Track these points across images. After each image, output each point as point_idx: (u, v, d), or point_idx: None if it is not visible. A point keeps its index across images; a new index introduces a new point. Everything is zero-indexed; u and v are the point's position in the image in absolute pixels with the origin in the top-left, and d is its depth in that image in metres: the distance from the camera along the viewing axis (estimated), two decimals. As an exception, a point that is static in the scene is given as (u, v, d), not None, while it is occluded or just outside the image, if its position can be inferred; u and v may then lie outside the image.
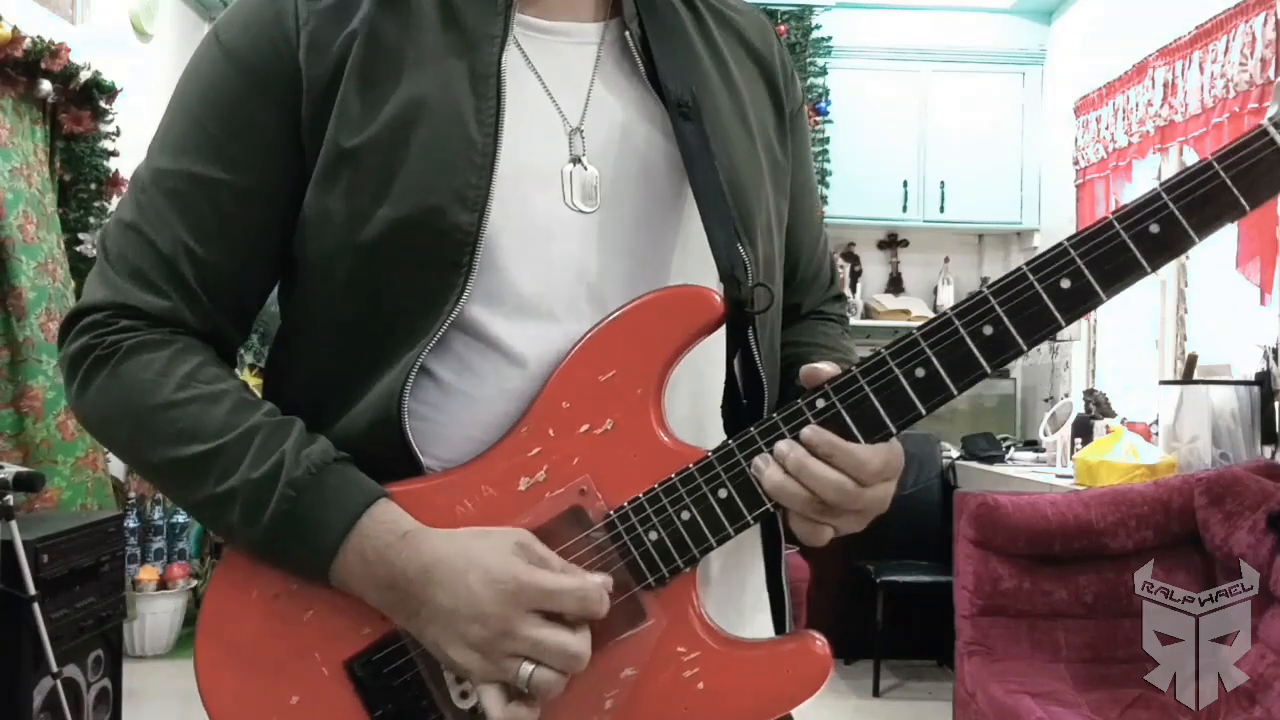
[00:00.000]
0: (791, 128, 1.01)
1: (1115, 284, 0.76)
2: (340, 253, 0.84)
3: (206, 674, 0.84)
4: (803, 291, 1.06)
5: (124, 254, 0.86)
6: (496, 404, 0.83)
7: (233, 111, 0.85)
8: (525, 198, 0.85)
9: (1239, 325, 3.57)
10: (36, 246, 3.59)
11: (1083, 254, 0.76)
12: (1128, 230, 0.75)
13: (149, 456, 0.84)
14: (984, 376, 0.78)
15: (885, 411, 0.79)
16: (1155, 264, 0.75)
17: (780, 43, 1.03)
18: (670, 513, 0.80)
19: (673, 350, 0.82)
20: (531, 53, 0.88)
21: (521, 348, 0.83)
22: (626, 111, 0.89)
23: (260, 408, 0.84)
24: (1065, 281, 0.76)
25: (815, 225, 1.07)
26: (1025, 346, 0.77)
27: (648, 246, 0.88)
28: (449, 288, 0.82)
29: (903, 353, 0.78)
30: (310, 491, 0.79)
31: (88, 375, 0.85)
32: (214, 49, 0.87)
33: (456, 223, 0.81)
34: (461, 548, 0.78)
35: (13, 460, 3.39)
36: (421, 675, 0.81)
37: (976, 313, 0.77)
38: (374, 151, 0.82)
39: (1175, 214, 0.75)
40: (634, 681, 0.80)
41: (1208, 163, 0.75)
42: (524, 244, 0.84)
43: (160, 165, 0.87)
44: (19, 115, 3.64)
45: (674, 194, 0.89)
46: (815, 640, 0.82)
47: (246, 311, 0.91)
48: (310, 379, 0.88)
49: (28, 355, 3.50)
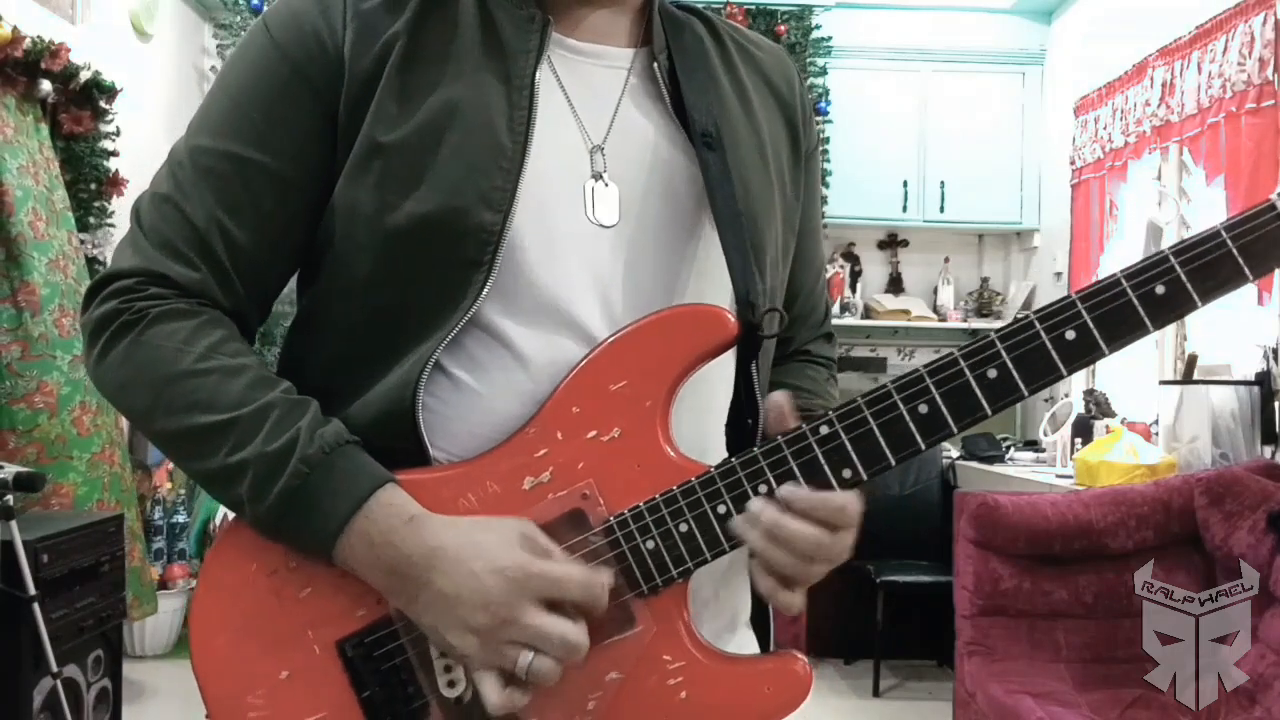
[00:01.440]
0: (806, 166, 1.03)
1: (1118, 340, 0.78)
2: (365, 244, 0.86)
3: (199, 643, 0.86)
4: (795, 327, 1.08)
5: (157, 225, 0.88)
6: (505, 403, 0.85)
7: (275, 99, 0.88)
8: (548, 207, 0.87)
9: (1239, 325, 3.57)
10: (48, 243, 3.60)
11: (1090, 308, 0.78)
12: (1135, 290, 0.78)
13: (165, 423, 0.85)
14: (984, 418, 0.80)
15: (886, 444, 0.80)
16: (1158, 324, 0.78)
17: (802, 84, 1.06)
18: (669, 524, 0.81)
19: (684, 366, 0.84)
20: (562, 71, 0.91)
21: (533, 351, 0.85)
22: (649, 135, 0.92)
23: (278, 385, 0.86)
24: (1070, 333, 0.78)
25: (817, 265, 1.10)
26: (1027, 392, 0.79)
27: (664, 265, 0.90)
28: (468, 285, 0.84)
29: (909, 388, 0.80)
30: (321, 469, 0.81)
31: (112, 339, 0.86)
32: (262, 37, 0.90)
33: (480, 222, 0.84)
34: (466, 535, 0.79)
35: (28, 456, 3.40)
36: (411, 661, 0.83)
37: (983, 355, 0.79)
38: (406, 148, 0.85)
39: (1181, 278, 0.77)
40: (618, 685, 0.82)
41: (1216, 231, 0.77)
42: (544, 250, 0.86)
43: (199, 143, 0.89)
44: (22, 114, 3.64)
45: (692, 218, 0.92)
46: (797, 661, 0.84)
47: (267, 296, 0.93)
48: (326, 366, 0.89)
49: (42, 351, 3.50)
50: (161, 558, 4.33)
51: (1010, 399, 0.79)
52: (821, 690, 4.06)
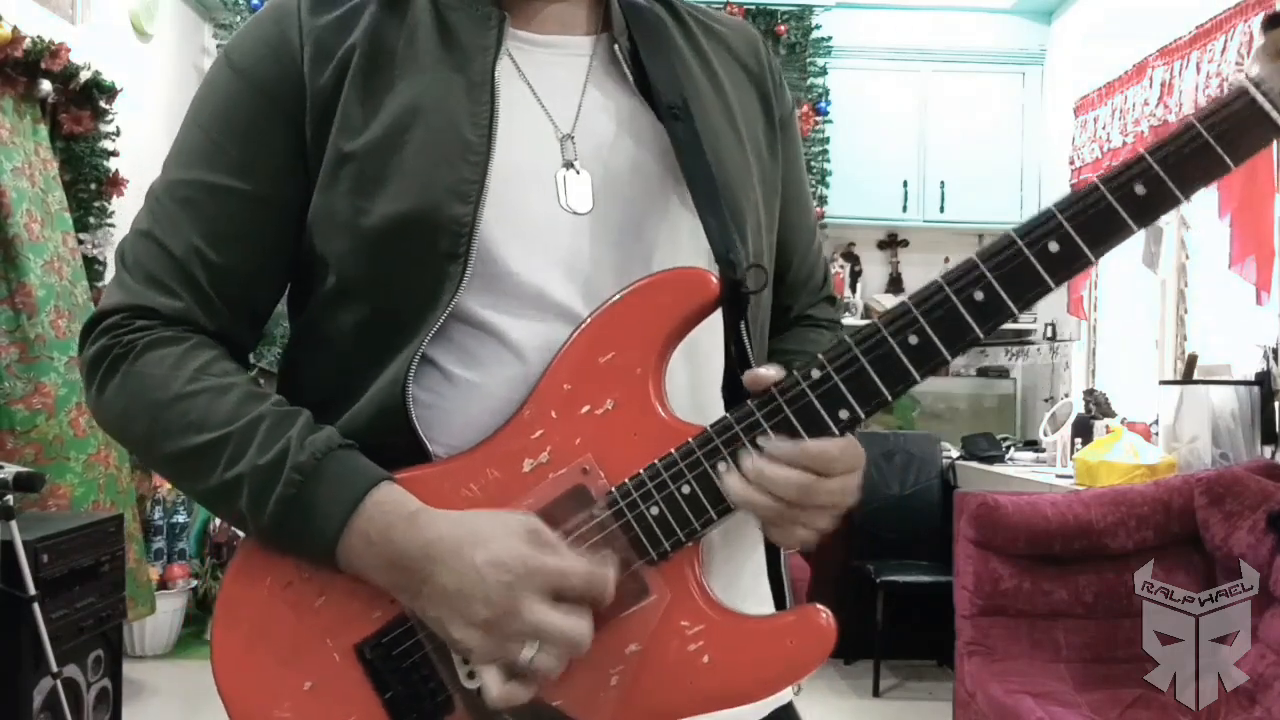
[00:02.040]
0: (782, 132, 1.03)
1: (1102, 244, 0.77)
2: (343, 251, 0.87)
3: (223, 664, 0.86)
4: (794, 294, 1.08)
5: (139, 260, 0.90)
6: (499, 390, 0.85)
7: (244, 126, 0.89)
8: (520, 196, 0.87)
9: (1239, 325, 3.57)
10: (43, 245, 3.60)
11: (1070, 217, 0.77)
12: (1114, 192, 0.77)
13: (163, 448, 0.86)
14: (976, 342, 0.79)
15: (879, 379, 0.79)
16: (1142, 223, 0.77)
17: (769, 52, 1.06)
18: (671, 488, 0.81)
19: (670, 330, 0.84)
20: (524, 64, 0.92)
21: (520, 336, 0.86)
22: (617, 118, 0.92)
23: (268, 398, 0.86)
24: (1054, 245, 0.77)
25: (808, 229, 1.09)
26: (1016, 310, 0.78)
27: (641, 242, 0.90)
28: (447, 278, 0.84)
29: (899, 319, 0.80)
30: (314, 476, 0.81)
31: (106, 375, 0.88)
32: (225, 69, 0.92)
33: (452, 215, 0.84)
34: (468, 529, 0.79)
35: (26, 457, 3.41)
36: (430, 656, 0.82)
37: (969, 278, 0.79)
38: (372, 153, 0.86)
39: (1161, 175, 0.76)
40: (639, 657, 0.81)
41: (1189, 123, 0.76)
42: (519, 238, 0.87)
43: (174, 177, 0.91)
44: (20, 115, 3.64)
45: (666, 192, 0.92)
46: (820, 612, 0.83)
47: (257, 316, 0.94)
48: (322, 377, 0.90)
49: (40, 353, 3.52)
50: (161, 558, 4.33)
51: (999, 318, 0.78)
52: (821, 690, 4.06)
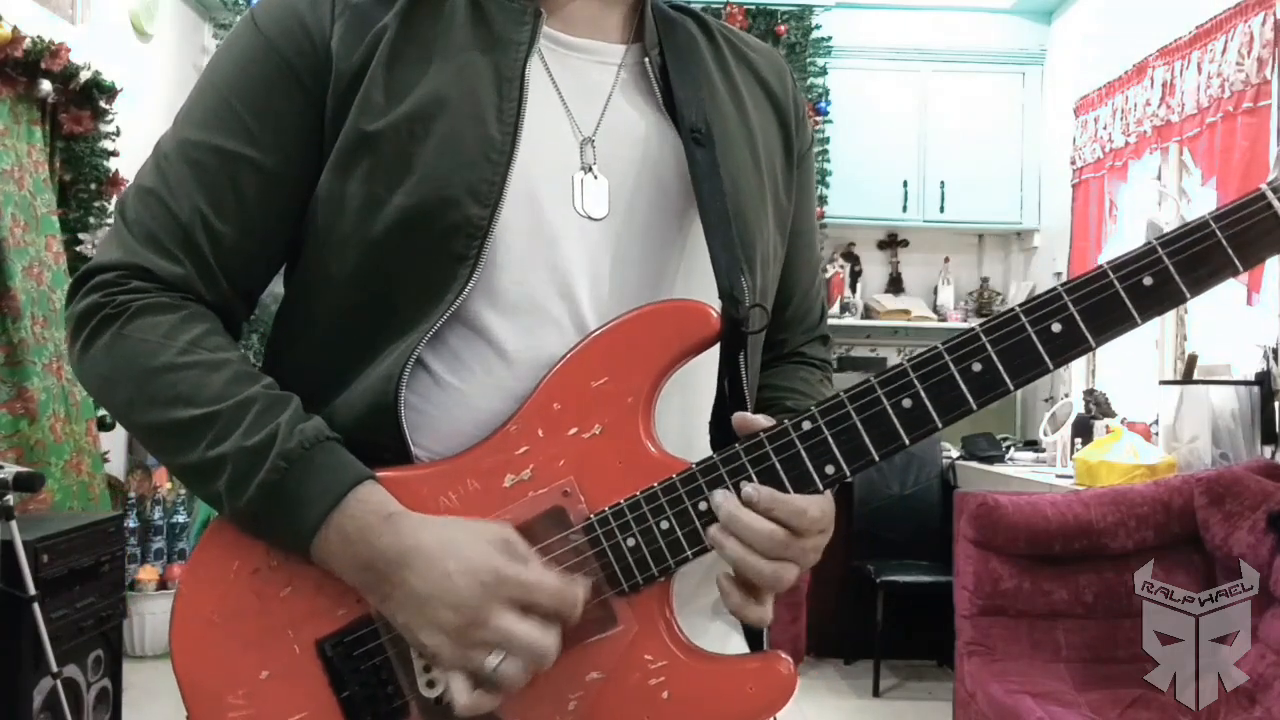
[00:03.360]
0: (799, 168, 1.02)
1: (1105, 333, 0.77)
2: (351, 237, 0.85)
3: (180, 643, 0.85)
4: (789, 329, 1.07)
5: (141, 218, 0.87)
6: (487, 400, 0.84)
7: (261, 94, 0.87)
8: (536, 200, 0.86)
9: (1239, 325, 3.57)
10: (24, 249, 3.60)
11: (1076, 300, 0.76)
12: (1121, 281, 0.76)
13: (145, 417, 0.84)
14: (969, 412, 0.78)
15: (869, 438, 0.79)
16: (1146, 316, 0.76)
17: (795, 84, 1.05)
18: (650, 522, 0.81)
19: (666, 362, 0.83)
20: (553, 64, 0.90)
21: (515, 346, 0.85)
22: (640, 130, 0.92)
23: (260, 380, 0.85)
24: (1056, 326, 0.77)
25: (812, 267, 1.08)
26: (1012, 386, 0.78)
27: (651, 260, 0.89)
28: (453, 279, 0.83)
29: (894, 381, 0.79)
30: (300, 465, 0.80)
31: (94, 333, 0.86)
32: (250, 30, 0.89)
33: (468, 215, 0.83)
34: (443, 535, 0.79)
35: (8, 461, 3.40)
36: (390, 660, 0.82)
37: (966, 349, 0.78)
38: (393, 139, 0.84)
39: (1169, 269, 0.75)
40: (599, 685, 0.81)
41: (1204, 221, 0.76)
42: (531, 244, 0.86)
43: (185, 136, 0.89)
44: (15, 116, 3.64)
45: (680, 213, 0.91)
46: (781, 660, 0.83)
47: (254, 290, 0.92)
48: (309, 360, 0.89)
49: (22, 357, 3.52)
50: (161, 558, 4.33)
51: (995, 393, 0.78)
52: (821, 690, 4.06)
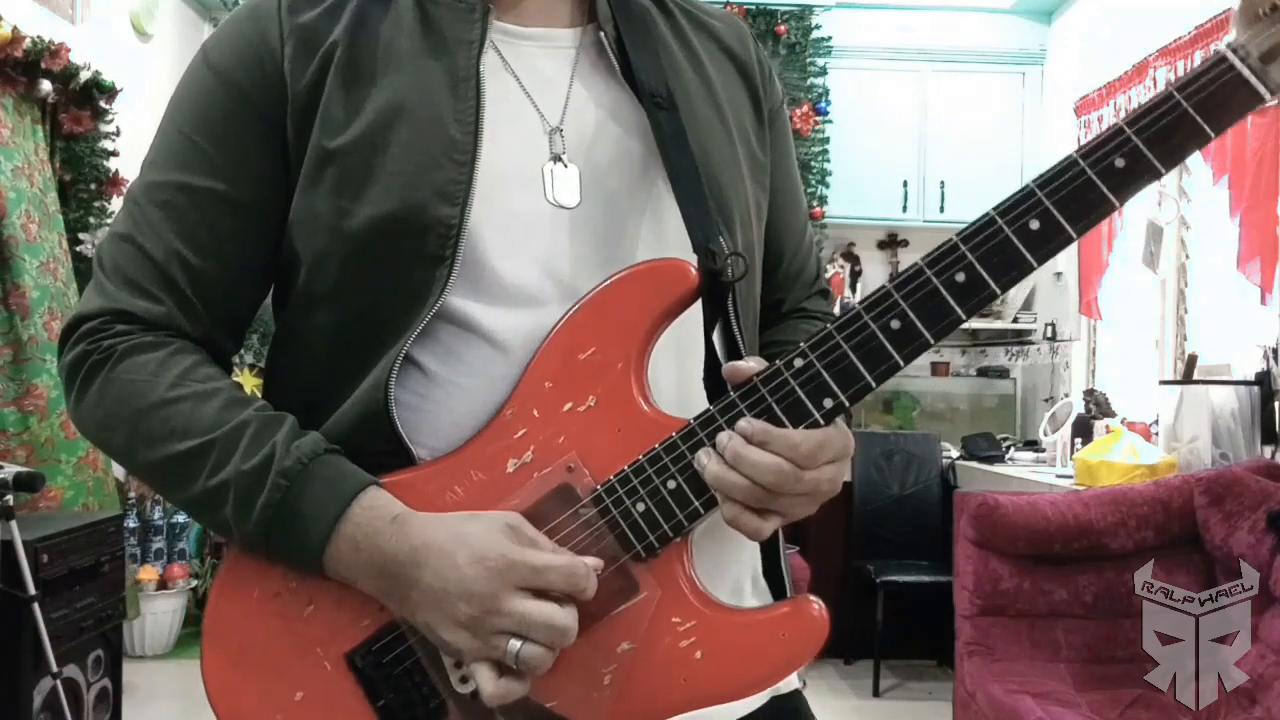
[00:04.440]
0: (771, 125, 1.03)
1: (1083, 220, 0.76)
2: (327, 252, 0.86)
3: (213, 677, 0.85)
4: (786, 287, 1.07)
5: (118, 264, 0.88)
6: (483, 391, 0.84)
7: (222, 126, 0.88)
8: (506, 194, 0.86)
9: (1239, 325, 3.57)
10: (39, 245, 3.60)
11: (1049, 193, 0.76)
12: (1093, 166, 0.75)
13: (145, 456, 0.85)
14: (959, 323, 0.78)
15: (862, 365, 0.78)
16: (1122, 198, 0.76)
17: (757, 44, 1.05)
18: (656, 482, 0.80)
19: (650, 322, 0.83)
20: (510, 57, 0.91)
21: (505, 335, 0.85)
22: (604, 109, 0.92)
23: (251, 404, 0.85)
24: (1034, 223, 0.76)
25: (800, 222, 1.08)
26: (999, 289, 0.77)
27: (629, 236, 0.89)
28: (432, 281, 0.83)
29: (879, 305, 0.78)
30: (300, 481, 0.80)
31: (85, 381, 0.87)
32: (202, 69, 0.90)
33: (438, 216, 0.83)
34: (450, 530, 0.79)
35: (17, 459, 3.40)
36: (421, 662, 0.82)
37: (949, 259, 0.77)
38: (356, 152, 0.85)
39: (1140, 146, 0.75)
40: (631, 655, 0.81)
41: (1168, 93, 0.75)
42: (506, 237, 0.86)
43: (152, 179, 0.90)
44: (20, 115, 3.64)
45: (648, 183, 0.91)
46: (812, 604, 0.82)
47: (239, 320, 0.93)
48: (304, 379, 0.89)
49: (32, 354, 3.52)
50: (161, 558, 4.33)
51: (981, 298, 0.77)
52: (821, 690, 4.06)
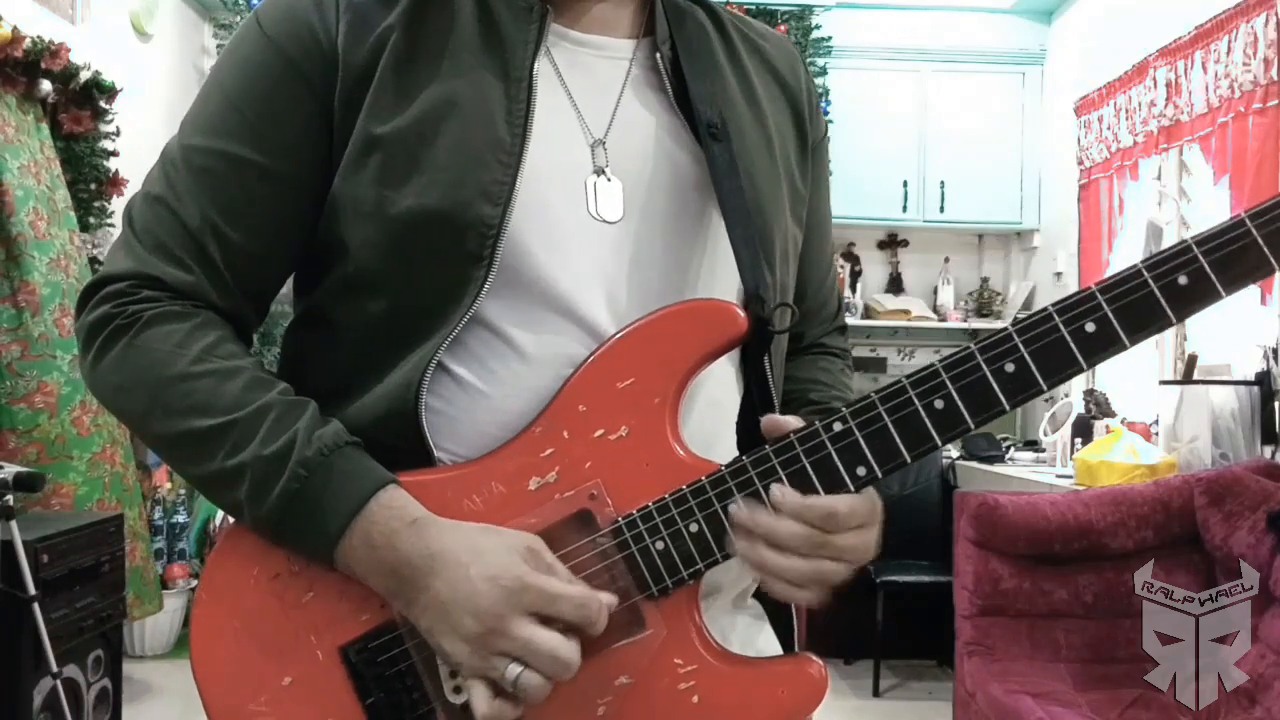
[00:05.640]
0: (813, 159, 1.02)
1: (1140, 332, 0.76)
2: (365, 239, 0.85)
3: (200, 648, 0.84)
4: (806, 321, 1.07)
5: (150, 227, 0.86)
6: (511, 402, 0.84)
7: (269, 96, 0.86)
8: (549, 203, 0.85)
9: (1239, 325, 3.57)
10: (49, 242, 3.60)
11: (1110, 300, 0.76)
12: (1156, 280, 0.75)
13: (161, 427, 0.84)
14: (1003, 413, 0.78)
15: (901, 442, 0.79)
16: (1181, 315, 0.76)
17: (808, 73, 1.04)
18: (680, 525, 0.80)
19: (693, 362, 0.83)
20: (562, 63, 0.89)
21: (536, 348, 0.84)
22: (652, 128, 0.91)
23: (275, 386, 0.84)
24: (1091, 325, 0.76)
25: (826, 258, 1.08)
26: (1046, 386, 0.77)
27: (671, 261, 0.88)
28: (469, 281, 0.82)
29: (925, 382, 0.78)
30: (320, 472, 0.80)
31: (106, 344, 0.85)
32: (254, 33, 0.88)
33: (480, 215, 0.82)
34: (468, 541, 0.78)
35: (28, 456, 3.40)
36: (416, 666, 0.81)
37: (999, 350, 0.77)
38: (403, 141, 0.84)
39: (1205, 268, 0.75)
40: (629, 690, 0.80)
41: (1240, 219, 0.75)
42: (546, 244, 0.85)
43: (192, 142, 0.88)
44: (23, 113, 3.64)
45: (699, 212, 0.90)
46: (812, 663, 0.82)
47: (266, 294, 0.92)
48: (328, 366, 0.88)
49: (42, 351, 3.51)
50: (162, 558, 4.33)
51: (1028, 394, 0.77)
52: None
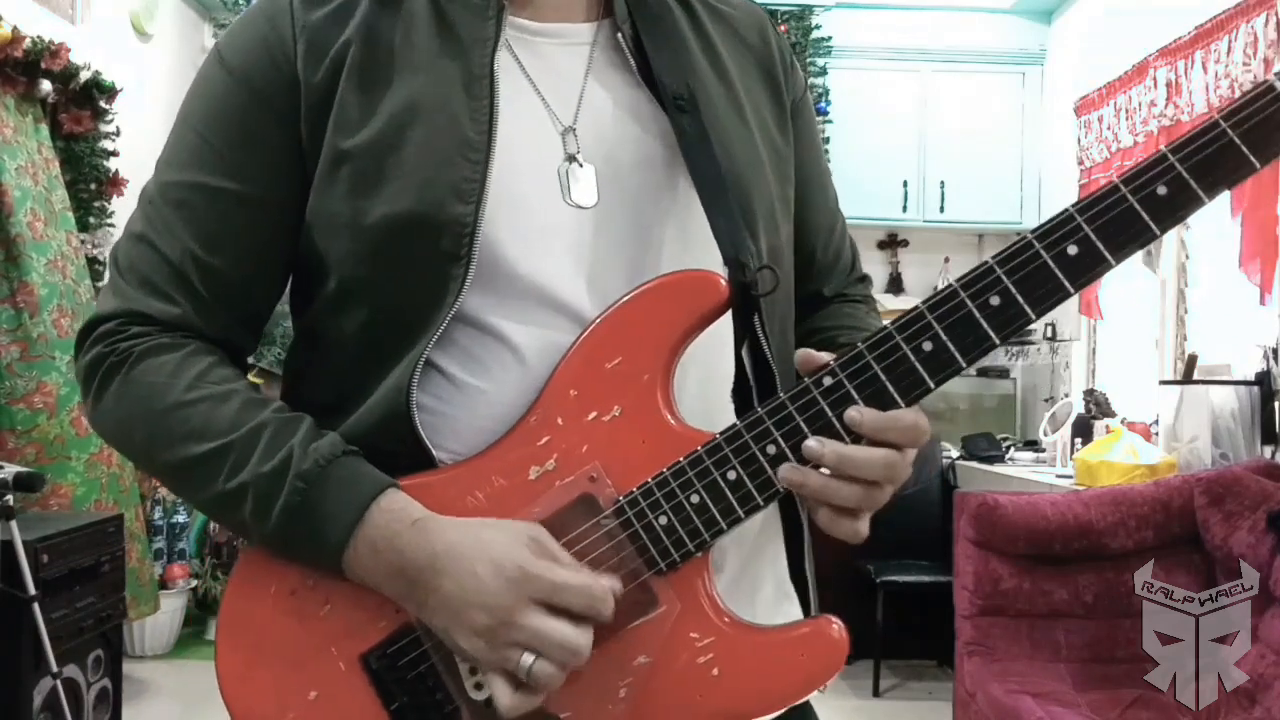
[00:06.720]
0: (794, 116, 1.01)
1: (1123, 249, 0.75)
2: (343, 252, 0.86)
3: (228, 673, 0.85)
4: (824, 277, 1.06)
5: (134, 265, 0.89)
6: (504, 395, 0.84)
7: (236, 125, 0.88)
8: (522, 195, 0.86)
9: (1239, 325, 3.57)
10: (46, 243, 3.61)
11: (1089, 219, 0.75)
12: (1135, 194, 0.74)
13: (163, 457, 0.85)
14: (993, 348, 0.77)
15: (893, 388, 0.78)
16: (1164, 227, 0.74)
17: (778, 35, 1.04)
18: (680, 497, 0.80)
19: (678, 335, 0.83)
20: (523, 55, 0.90)
21: (524, 339, 0.84)
22: (620, 109, 0.91)
23: (269, 405, 0.85)
24: (1073, 248, 0.75)
25: (829, 210, 1.07)
26: (1034, 315, 0.76)
27: (651, 239, 0.88)
28: (450, 279, 0.83)
29: (910, 326, 0.78)
30: (319, 483, 0.80)
31: (103, 383, 0.87)
32: (216, 67, 0.90)
33: (454, 214, 0.83)
34: (472, 536, 0.78)
35: (27, 457, 3.41)
36: (437, 667, 0.81)
37: (983, 283, 0.76)
38: (371, 152, 0.85)
39: (1184, 175, 0.73)
40: (648, 669, 0.80)
41: (1214, 121, 0.73)
42: (523, 238, 0.85)
43: (167, 179, 0.90)
44: (21, 114, 3.64)
45: (671, 187, 0.90)
46: (831, 624, 0.81)
47: (255, 318, 0.93)
48: (325, 381, 0.89)
49: (41, 352, 3.52)
50: (161, 558, 4.33)
51: (1017, 323, 0.76)
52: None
